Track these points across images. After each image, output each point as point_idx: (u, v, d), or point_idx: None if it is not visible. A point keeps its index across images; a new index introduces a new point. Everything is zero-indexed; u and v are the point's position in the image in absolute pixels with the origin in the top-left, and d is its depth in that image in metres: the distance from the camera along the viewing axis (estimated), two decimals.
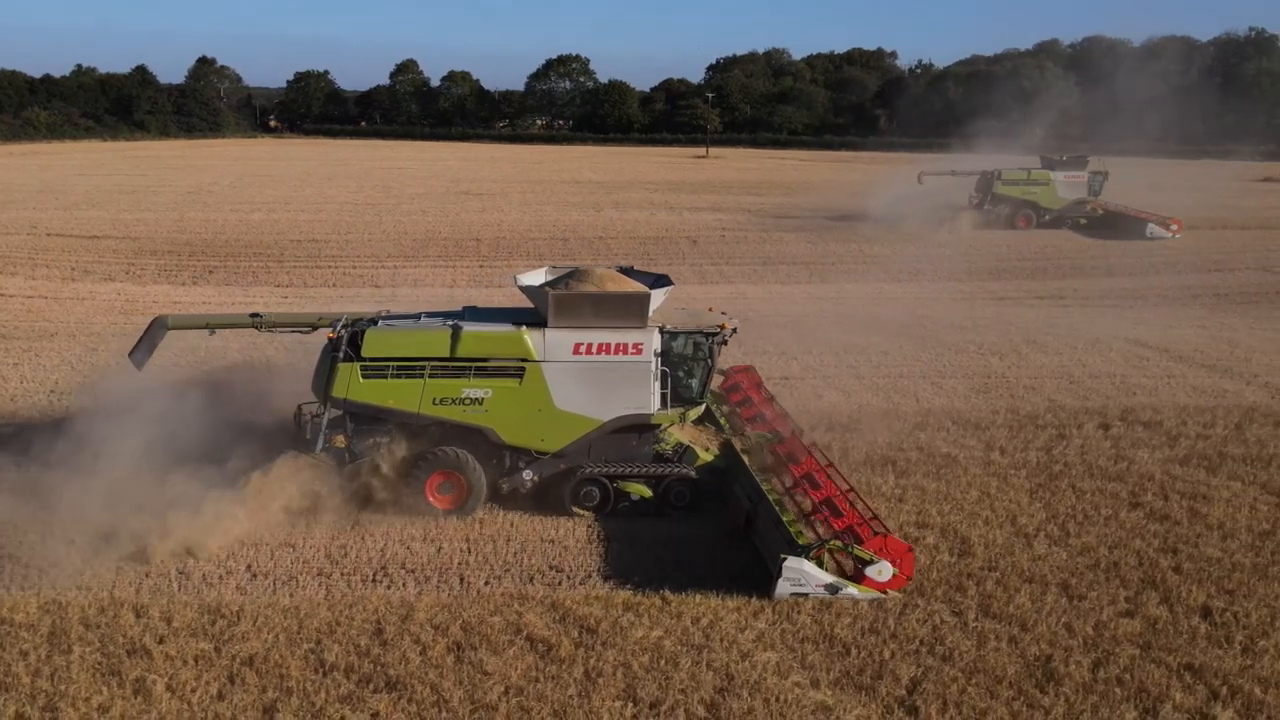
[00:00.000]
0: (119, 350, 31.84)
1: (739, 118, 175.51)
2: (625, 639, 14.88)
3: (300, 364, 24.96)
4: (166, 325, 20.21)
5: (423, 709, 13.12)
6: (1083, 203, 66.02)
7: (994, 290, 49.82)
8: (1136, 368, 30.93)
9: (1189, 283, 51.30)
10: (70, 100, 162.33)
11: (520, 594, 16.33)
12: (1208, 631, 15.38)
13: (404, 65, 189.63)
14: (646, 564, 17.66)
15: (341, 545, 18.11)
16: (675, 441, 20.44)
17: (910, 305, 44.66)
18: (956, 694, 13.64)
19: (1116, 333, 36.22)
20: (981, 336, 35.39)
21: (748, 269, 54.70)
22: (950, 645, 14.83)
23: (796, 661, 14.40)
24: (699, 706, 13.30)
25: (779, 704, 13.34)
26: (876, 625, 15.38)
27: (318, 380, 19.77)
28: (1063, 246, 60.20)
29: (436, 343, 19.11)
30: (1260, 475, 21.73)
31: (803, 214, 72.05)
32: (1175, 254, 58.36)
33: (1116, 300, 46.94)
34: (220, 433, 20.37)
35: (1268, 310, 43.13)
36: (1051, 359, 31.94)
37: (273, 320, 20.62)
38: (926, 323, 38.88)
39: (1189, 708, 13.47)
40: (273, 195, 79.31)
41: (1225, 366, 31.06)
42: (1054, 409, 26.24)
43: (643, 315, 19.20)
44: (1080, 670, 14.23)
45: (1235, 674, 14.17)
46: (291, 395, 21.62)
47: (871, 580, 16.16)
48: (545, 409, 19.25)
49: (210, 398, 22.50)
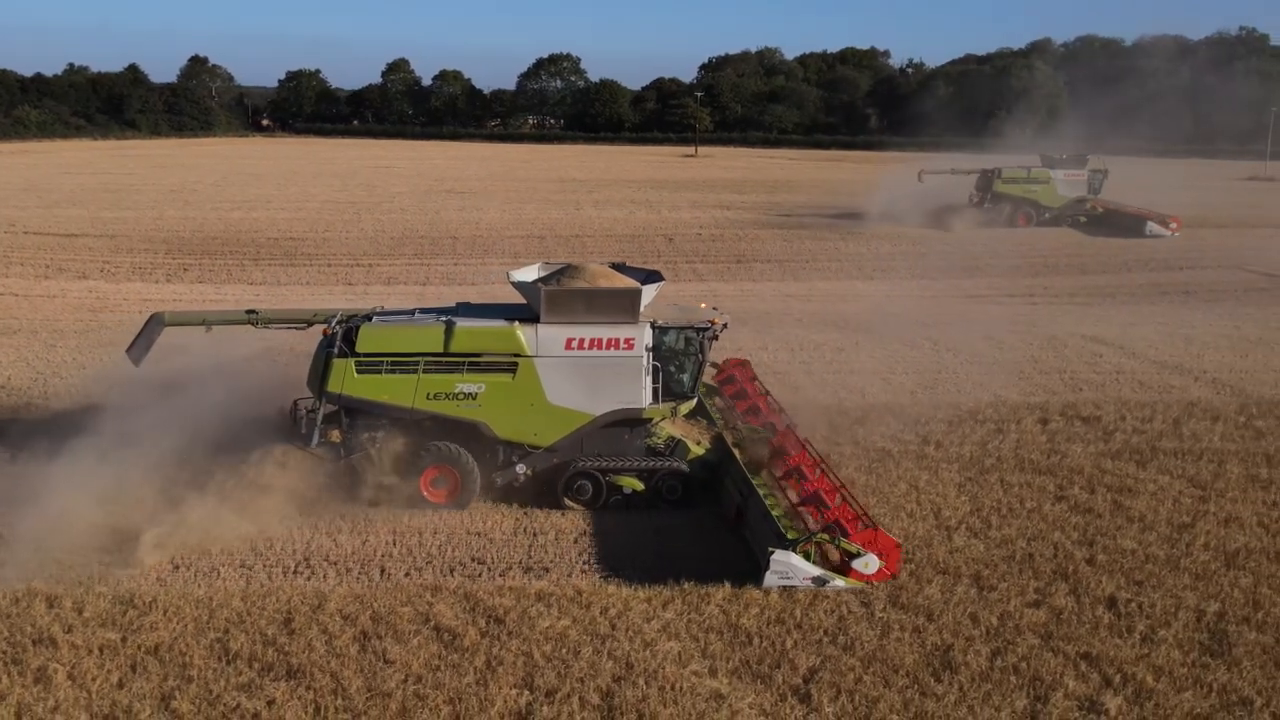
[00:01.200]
0: (77, 347, 32.25)
1: (730, 117, 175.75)
2: (532, 629, 15.04)
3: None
4: (164, 322, 20.42)
5: (319, 696, 13.27)
6: (1083, 201, 66.40)
7: (966, 288, 50.02)
8: (1088, 364, 31.11)
9: (1160, 280, 51.55)
10: (61, 99, 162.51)
11: (435, 585, 16.50)
12: (1110, 621, 15.54)
13: (395, 64, 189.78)
14: (571, 554, 17.94)
15: (269, 538, 18.24)
16: (667, 435, 20.70)
17: (878, 302, 44.86)
18: (851, 683, 13.80)
19: (1076, 330, 36.40)
20: (940, 333, 35.54)
21: (721, 266, 54.91)
22: (853, 635, 15.00)
23: (699, 651, 14.56)
24: (594, 694, 13.45)
25: (674, 692, 13.50)
26: (783, 616, 15.54)
27: (313, 375, 20.01)
28: (1039, 245, 60.37)
29: (430, 338, 19.35)
30: (1189, 469, 21.91)
31: (786, 212, 72.28)
32: (1150, 252, 58.61)
33: (1086, 298, 47.19)
34: (216, 428, 20.49)
35: (1232, 308, 43.27)
36: (1005, 355, 32.11)
37: (268, 317, 20.81)
38: (890, 319, 39.04)
39: (1080, 695, 13.63)
40: (255, 194, 79.48)
41: (1176, 363, 31.24)
42: (997, 404, 26.42)
43: (634, 311, 19.44)
44: (978, 659, 14.39)
45: (1130, 662, 14.33)
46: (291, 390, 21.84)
47: (858, 573, 16.38)
48: (538, 403, 19.47)
49: (205, 392, 22.55)
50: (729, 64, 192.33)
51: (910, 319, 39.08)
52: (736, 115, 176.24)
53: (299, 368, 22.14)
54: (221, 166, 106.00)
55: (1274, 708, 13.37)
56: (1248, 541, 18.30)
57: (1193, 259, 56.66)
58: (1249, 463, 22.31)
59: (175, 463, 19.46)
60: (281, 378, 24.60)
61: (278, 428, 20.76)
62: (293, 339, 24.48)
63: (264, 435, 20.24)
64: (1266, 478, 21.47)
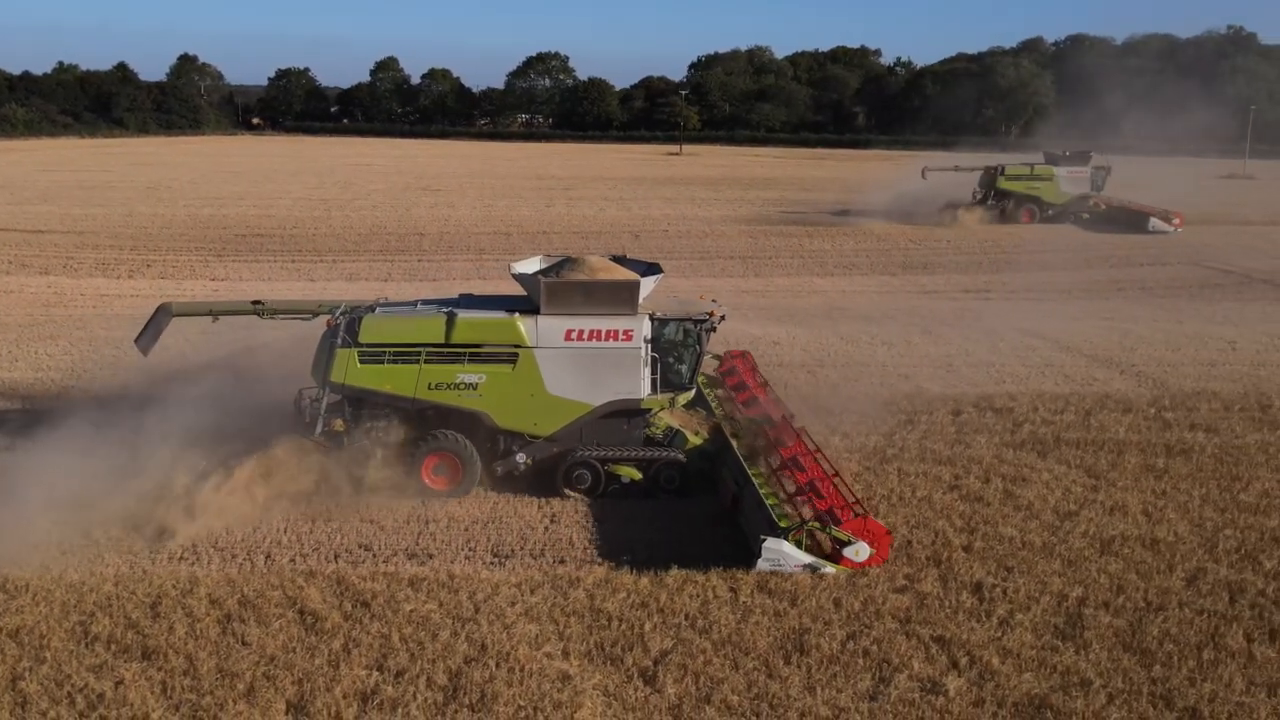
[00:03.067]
0: (16, 340, 32.42)
1: (718, 115, 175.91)
2: (395, 612, 15.26)
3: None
4: (171, 312, 20.63)
5: (169, 677, 13.48)
6: (1085, 198, 66.80)
7: (923, 283, 50.20)
8: (1018, 357, 31.29)
9: (1119, 276, 51.66)
10: (49, 97, 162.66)
11: (312, 571, 16.71)
12: (972, 606, 15.75)
13: (384, 63, 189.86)
14: (458, 542, 18.17)
15: (160, 526, 18.36)
16: (665, 426, 20.95)
17: (831, 298, 45.00)
18: (700, 665, 14.01)
19: (1018, 324, 36.50)
20: (880, 327, 35.75)
21: (683, 263, 54.91)
22: (713, 619, 15.21)
23: (555, 634, 14.77)
24: (442, 675, 13.67)
25: (520, 673, 13.71)
26: (648, 600, 15.75)
27: (317, 366, 20.29)
28: (1002, 241, 60.61)
29: (432, 329, 19.63)
30: (1087, 459, 22.12)
31: (758, 209, 72.52)
32: (1112, 248, 58.81)
33: (1040, 293, 47.24)
34: (221, 417, 20.72)
35: (1183, 303, 43.44)
36: (938, 349, 32.29)
37: (274, 308, 21.01)
38: (836, 314, 39.29)
39: (923, 676, 13.85)
40: (230, 191, 79.72)
41: (1107, 356, 31.41)
42: (915, 396, 26.60)
43: (633, 302, 19.71)
44: (831, 643, 14.59)
45: (981, 645, 14.56)
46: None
47: (849, 560, 16.65)
48: (538, 394, 19.76)
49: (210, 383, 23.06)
50: (719, 63, 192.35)
51: (855, 313, 39.30)
52: (724, 114, 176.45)
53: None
54: (202, 164, 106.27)
55: (1111, 688, 13.56)
56: (1125, 529, 18.50)
57: (1154, 255, 56.84)
58: (1148, 453, 22.51)
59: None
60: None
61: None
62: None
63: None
64: (1162, 467, 21.66)
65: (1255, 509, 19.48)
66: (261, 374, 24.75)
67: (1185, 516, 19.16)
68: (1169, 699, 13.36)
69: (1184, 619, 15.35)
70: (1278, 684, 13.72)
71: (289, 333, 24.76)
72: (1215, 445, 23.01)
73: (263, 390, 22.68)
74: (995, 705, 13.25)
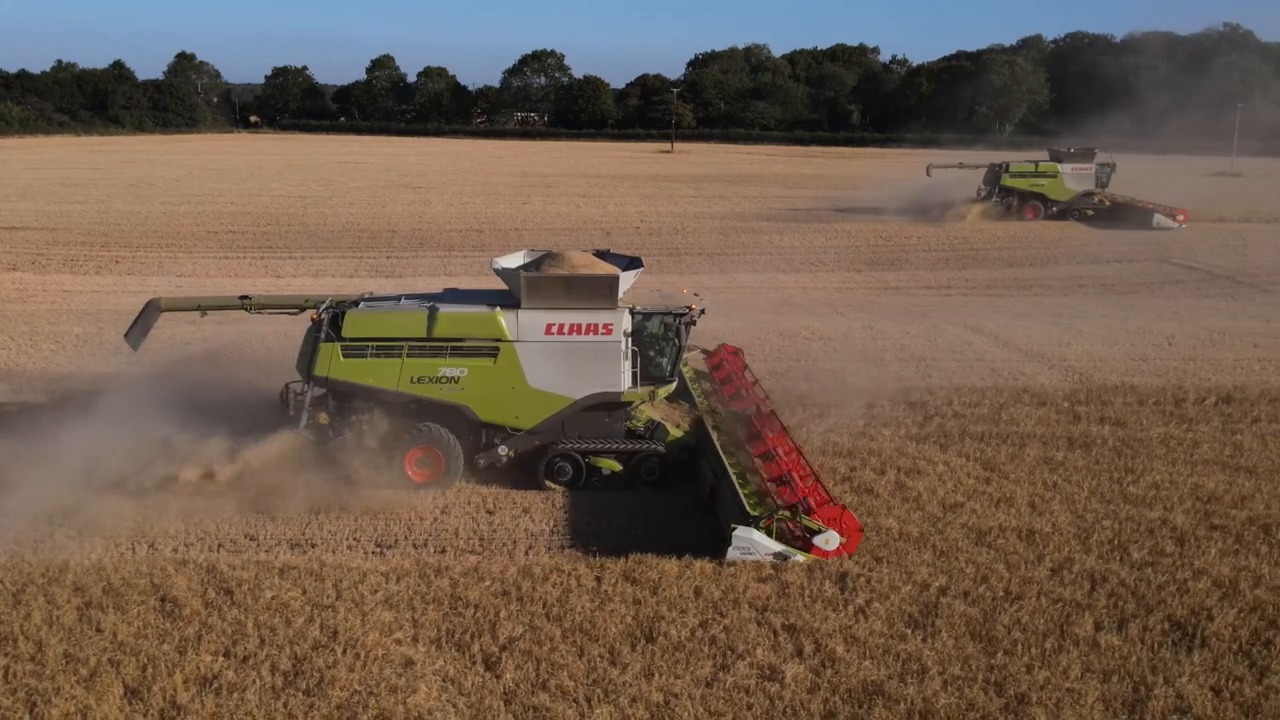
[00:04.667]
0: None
1: (713, 113, 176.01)
2: (256, 599, 15.45)
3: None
4: (160, 307, 21.01)
5: (13, 662, 13.66)
6: (1090, 194, 67.09)
7: (887, 280, 50.49)
8: (952, 352, 31.39)
9: (1083, 273, 51.82)
10: (46, 96, 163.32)
11: (185, 560, 16.89)
12: (832, 595, 15.86)
13: (380, 61, 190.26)
14: (345, 531, 18.34)
15: (50, 511, 18.57)
16: (647, 418, 21.17)
17: (789, 293, 45.22)
18: (545, 651, 14.16)
19: (963, 320, 36.68)
20: (824, 322, 35.92)
21: (650, 259, 54.61)
22: (570, 607, 15.37)
23: (410, 621, 14.95)
24: (286, 661, 13.83)
25: (365, 659, 13.88)
26: (510, 589, 15.92)
27: (302, 360, 20.53)
28: (972, 238, 60.69)
29: (414, 323, 19.86)
30: (987, 451, 22.24)
31: (735, 205, 72.71)
32: (1083, 244, 58.96)
33: (1000, 290, 47.50)
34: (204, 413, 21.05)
35: (1139, 300, 43.68)
36: (874, 343, 32.42)
37: (261, 302, 21.33)
38: (785, 309, 39.54)
39: (764, 662, 13.98)
40: (211, 188, 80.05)
41: (1042, 352, 31.50)
42: (833, 390, 26.62)
43: (612, 296, 19.88)
44: (681, 631, 14.73)
45: (829, 633, 14.67)
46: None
47: (819, 549, 16.82)
48: (519, 387, 19.95)
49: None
50: (716, 61, 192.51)
51: (804, 309, 39.52)
52: (719, 112, 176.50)
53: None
54: (190, 162, 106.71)
55: (948, 675, 13.69)
56: (1005, 520, 18.60)
57: (1123, 252, 56.93)
58: (1049, 445, 22.63)
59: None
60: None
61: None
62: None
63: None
64: (1060, 459, 21.77)
65: (1140, 501, 19.58)
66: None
67: (1069, 508, 19.26)
68: (1001, 686, 13.48)
69: (1038, 608, 15.46)
70: (1113, 671, 13.82)
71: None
72: (1118, 438, 23.10)
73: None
74: (829, 692, 13.38)
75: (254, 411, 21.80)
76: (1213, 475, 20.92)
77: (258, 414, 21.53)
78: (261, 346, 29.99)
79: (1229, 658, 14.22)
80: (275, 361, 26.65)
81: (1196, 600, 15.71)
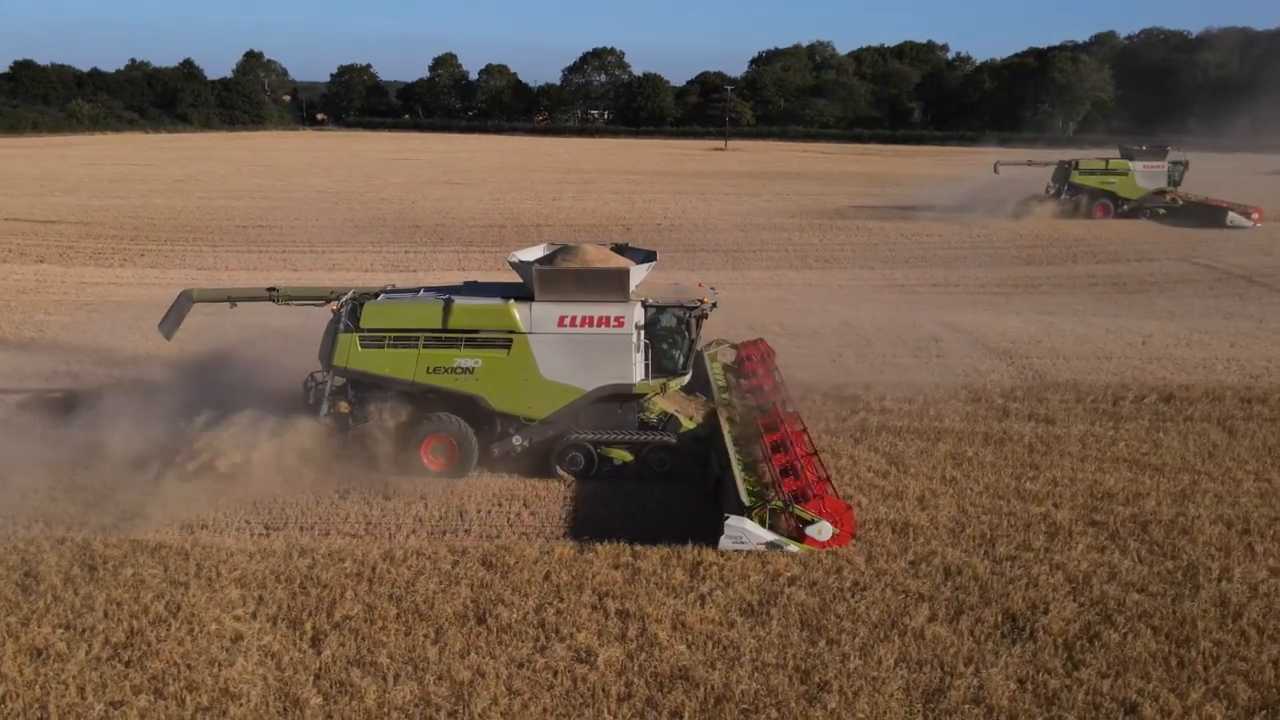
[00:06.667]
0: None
1: (772, 111, 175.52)
2: (115, 577, 15.99)
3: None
4: (192, 298, 21.86)
5: None
6: (1162, 193, 66.34)
7: (895, 277, 50.00)
8: (916, 349, 31.19)
9: (1097, 272, 51.01)
10: (117, 94, 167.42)
11: (63, 538, 17.45)
12: (680, 582, 15.99)
13: (443, 59, 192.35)
14: (243, 513, 18.82)
15: None
16: (660, 410, 21.50)
17: (789, 290, 45.10)
18: (374, 630, 14.54)
19: (944, 318, 36.38)
20: (803, 319, 35.79)
21: (667, 255, 54.59)
22: (415, 589, 15.73)
23: (255, 599, 15.40)
24: (121, 634, 14.35)
25: (195, 634, 14.36)
26: (364, 570, 16.32)
27: (323, 350, 21.28)
28: (995, 237, 60.03)
29: (429, 315, 20.41)
30: (897, 446, 22.17)
31: (767, 201, 72.64)
32: (1105, 243, 58.04)
33: (1008, 288, 46.89)
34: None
35: (1144, 298, 42.94)
36: (839, 340, 32.29)
37: (288, 294, 21.96)
38: (778, 305, 39.42)
39: (583, 645, 14.19)
40: (253, 184, 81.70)
41: (1008, 349, 31.18)
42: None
43: (624, 289, 20.23)
44: (514, 613, 15.01)
45: (660, 618, 14.84)
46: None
47: (812, 539, 17.03)
48: (532, 378, 20.41)
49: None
50: (779, 58, 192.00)
51: (793, 306, 39.39)
52: (779, 109, 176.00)
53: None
54: (242, 158, 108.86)
55: (760, 661, 13.84)
56: (885, 514, 18.54)
57: (1145, 251, 56.03)
58: (965, 441, 22.46)
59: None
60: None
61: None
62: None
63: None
64: (969, 455, 21.60)
65: (1031, 496, 19.45)
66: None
67: (956, 503, 19.18)
68: (807, 673, 13.60)
69: (878, 599, 15.50)
70: (927, 662, 13.87)
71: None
72: (1036, 435, 22.92)
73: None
74: (636, 674, 13.59)
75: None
76: (1116, 472, 20.69)
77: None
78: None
79: (1048, 650, 14.19)
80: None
81: (1041, 594, 15.66)
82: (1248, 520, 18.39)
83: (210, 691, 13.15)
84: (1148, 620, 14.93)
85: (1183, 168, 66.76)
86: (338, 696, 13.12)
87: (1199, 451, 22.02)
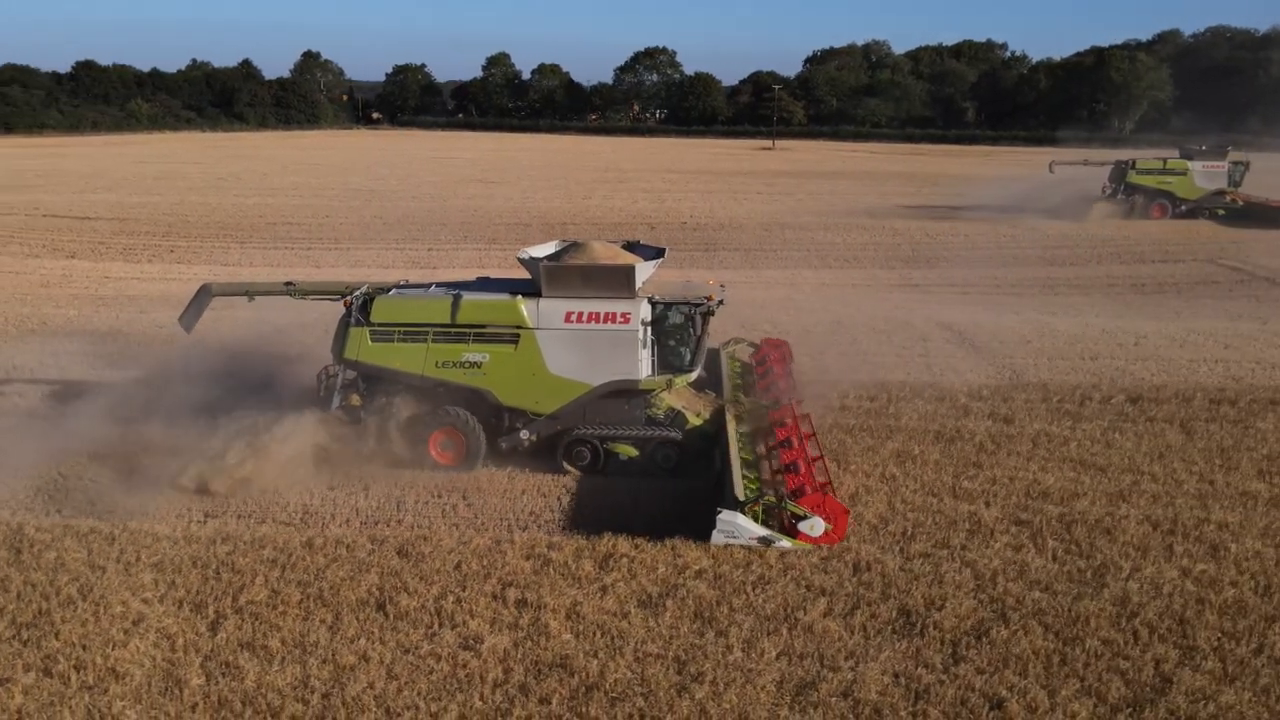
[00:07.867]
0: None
1: (825, 110, 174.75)
2: (38, 559, 16.48)
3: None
4: (212, 292, 22.60)
5: None
6: (1221, 193, 65.47)
7: (913, 277, 49.78)
8: (902, 348, 31.03)
9: (1117, 273, 50.42)
10: (176, 93, 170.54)
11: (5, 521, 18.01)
12: (587, 573, 16.12)
13: (496, 58, 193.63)
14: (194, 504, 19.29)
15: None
16: (668, 406, 21.74)
17: (804, 289, 45.03)
18: (274, 615, 14.86)
19: (941, 317, 36.17)
20: (800, 317, 35.79)
21: (684, 254, 55.31)
22: (325, 575, 16.02)
23: (167, 582, 15.78)
24: (28, 614, 14.80)
25: (99, 615, 14.75)
26: (280, 558, 16.63)
27: (335, 344, 21.84)
28: (1021, 237, 59.49)
29: (438, 310, 20.88)
30: (846, 443, 21.99)
31: (798, 201, 72.51)
32: (1133, 244, 57.29)
33: (1023, 288, 46.49)
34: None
35: (1156, 300, 42.52)
36: (831, 339, 32.19)
37: (305, 288, 22.61)
38: (784, 304, 39.42)
39: (472, 632, 14.40)
40: (290, 182, 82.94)
41: (995, 349, 30.92)
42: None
43: (630, 286, 20.50)
44: (414, 601, 15.25)
45: (555, 609, 14.99)
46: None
47: (805, 535, 17.17)
48: (539, 373, 20.77)
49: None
50: (833, 58, 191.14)
51: (801, 306, 39.34)
52: (831, 109, 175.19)
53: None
54: (288, 157, 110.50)
55: (642, 652, 13.93)
56: None
57: (1173, 252, 55.26)
58: (913, 439, 22.34)
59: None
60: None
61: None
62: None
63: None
64: (915, 454, 21.44)
65: (964, 494, 19.34)
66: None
67: (888, 500, 19.12)
68: (684, 664, 13.68)
69: (778, 593, 15.50)
70: (808, 656, 13.89)
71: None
72: (988, 433, 22.77)
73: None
74: (516, 662, 13.79)
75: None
76: (1059, 472, 20.50)
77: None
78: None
79: (933, 647, 14.16)
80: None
81: (943, 591, 15.61)
82: (1175, 521, 18.15)
83: (98, 670, 13.50)
84: (1041, 618, 14.84)
85: (1244, 168, 65.64)
86: (220, 677, 13.43)
87: (1150, 452, 21.74)
